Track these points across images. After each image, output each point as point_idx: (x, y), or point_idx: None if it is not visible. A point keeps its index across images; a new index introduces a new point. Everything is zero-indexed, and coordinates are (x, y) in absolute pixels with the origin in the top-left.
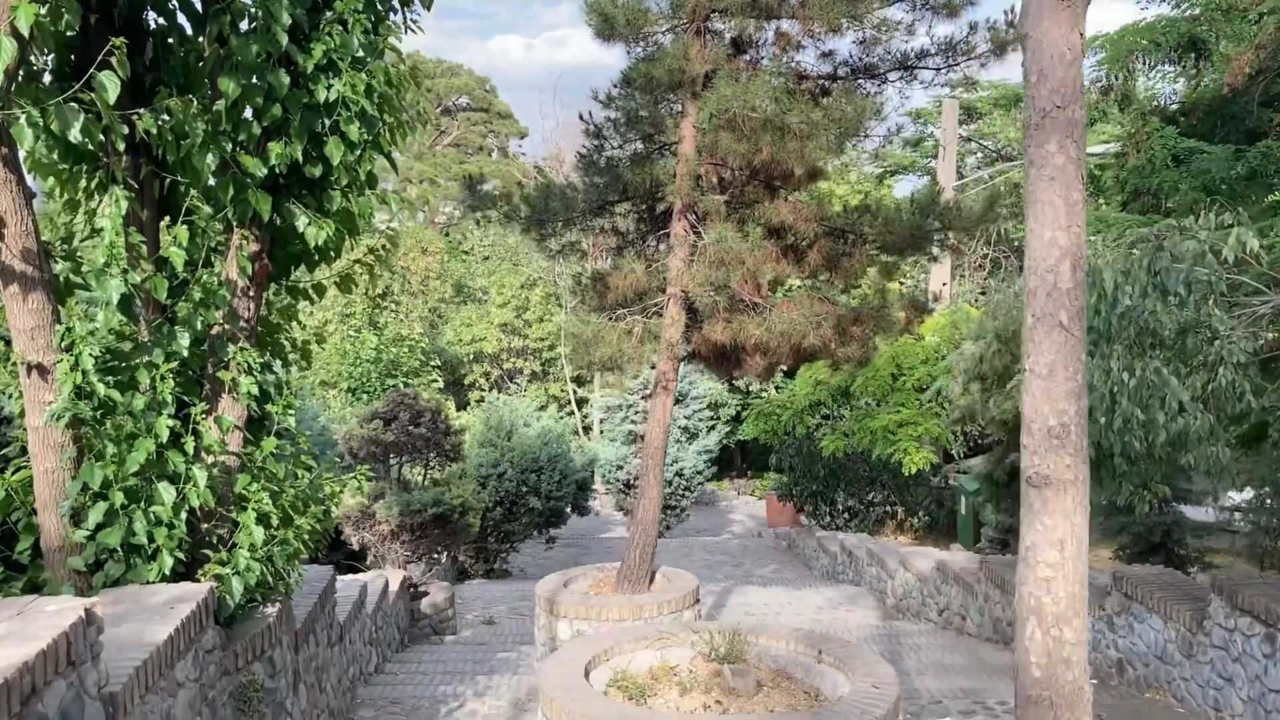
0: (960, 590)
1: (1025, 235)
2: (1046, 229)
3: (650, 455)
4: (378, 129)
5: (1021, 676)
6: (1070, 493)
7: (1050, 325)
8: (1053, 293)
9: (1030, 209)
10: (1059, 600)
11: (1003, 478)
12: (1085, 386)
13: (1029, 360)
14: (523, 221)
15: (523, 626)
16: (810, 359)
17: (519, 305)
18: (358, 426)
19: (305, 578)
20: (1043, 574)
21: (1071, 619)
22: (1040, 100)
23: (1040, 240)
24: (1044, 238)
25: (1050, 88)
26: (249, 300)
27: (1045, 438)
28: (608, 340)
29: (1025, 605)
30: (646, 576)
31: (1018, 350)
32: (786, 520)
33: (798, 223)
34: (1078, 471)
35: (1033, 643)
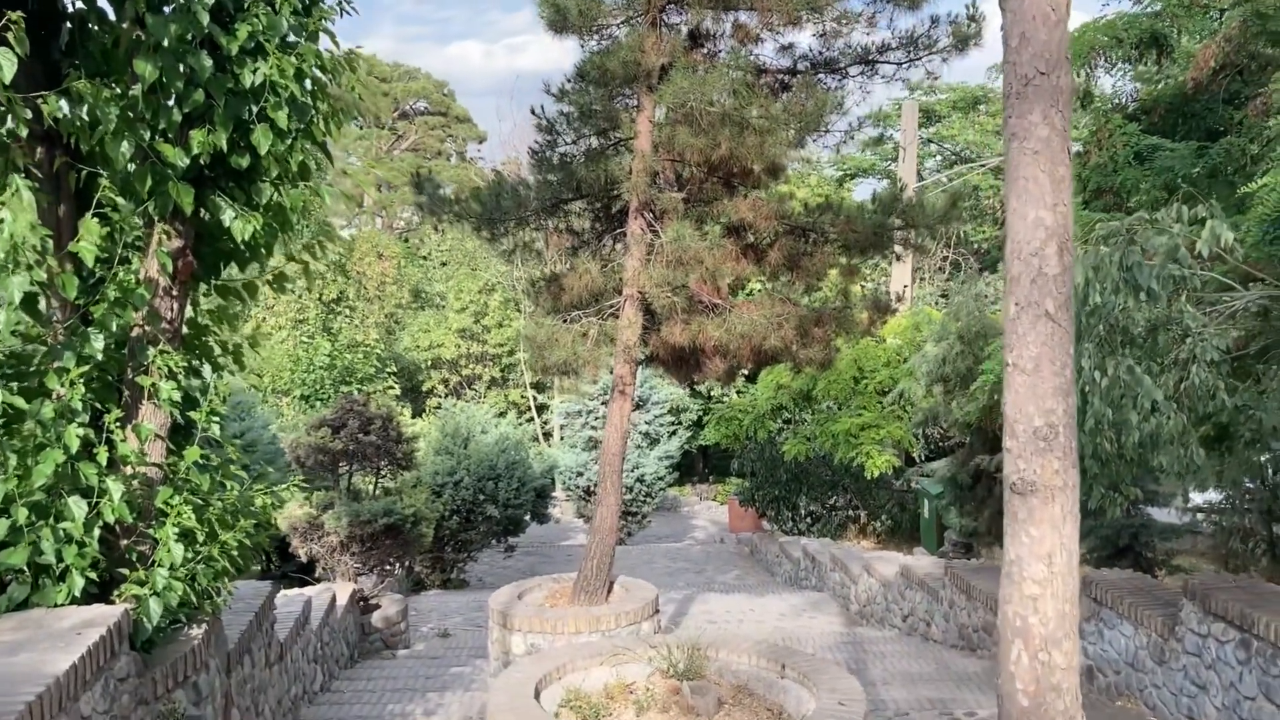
0: (925, 596)
1: (1006, 216)
2: (1030, 208)
3: (608, 462)
4: (310, 116)
5: (1006, 705)
6: (1059, 500)
7: (1035, 315)
8: (1038, 279)
9: (1011, 186)
10: (1047, 620)
11: (966, 481)
12: (1073, 382)
13: (1012, 354)
14: (474, 220)
15: (479, 639)
16: (771, 361)
17: (477, 310)
18: (305, 434)
19: (241, 594)
20: (1029, 591)
21: (1062, 641)
22: (1022, 67)
23: (1023, 221)
24: (1027, 218)
25: (1033, 52)
26: (172, 300)
27: (1031, 439)
28: (562, 343)
29: (1010, 626)
30: (604, 587)
31: (980, 352)
32: (749, 526)
33: (758, 220)
34: (1067, 477)
35: (1019, 668)
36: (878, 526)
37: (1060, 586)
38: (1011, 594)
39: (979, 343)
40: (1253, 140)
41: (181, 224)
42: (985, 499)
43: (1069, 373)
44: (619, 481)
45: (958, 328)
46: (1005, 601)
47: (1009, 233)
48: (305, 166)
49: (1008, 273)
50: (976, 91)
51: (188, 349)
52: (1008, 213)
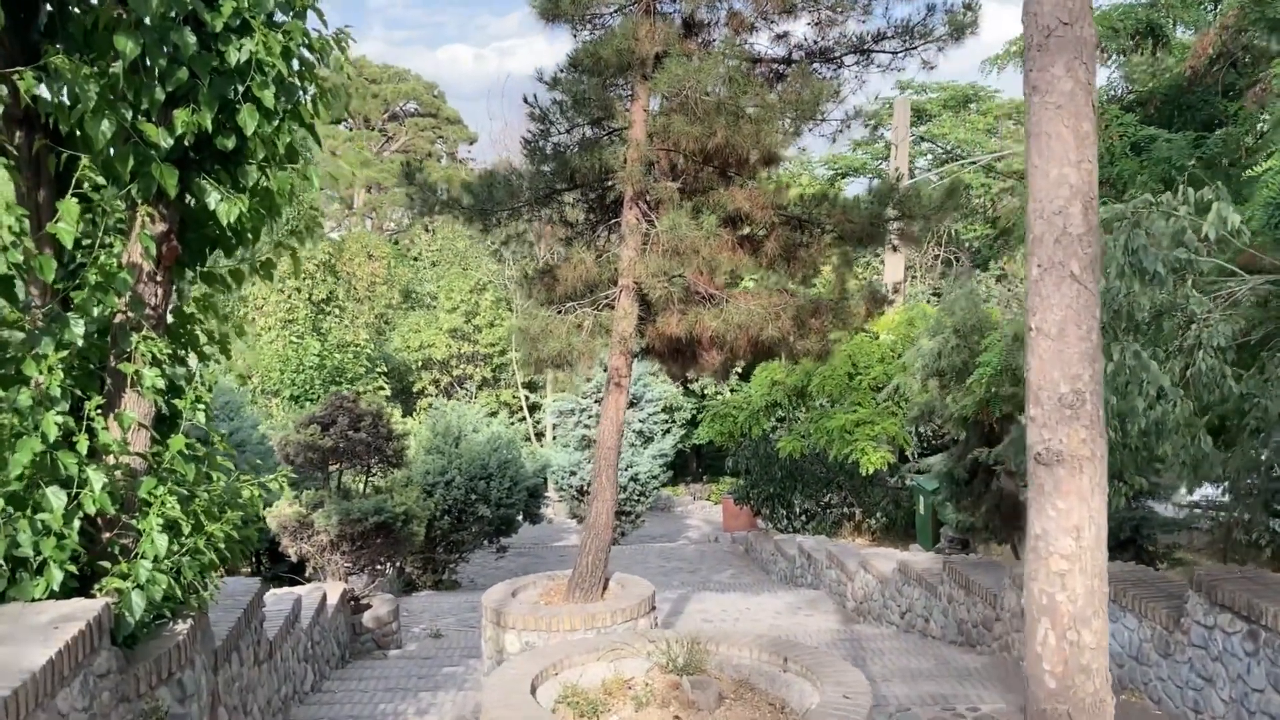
0: (923, 592)
1: (1027, 174)
2: (1053, 165)
3: (603, 456)
4: (297, 97)
5: (1033, 688)
6: (1087, 471)
7: (1060, 276)
8: (1062, 239)
9: (1033, 143)
10: (1076, 597)
11: (963, 476)
12: (1100, 347)
13: (1035, 318)
14: (465, 212)
15: (471, 639)
16: (768, 354)
17: (468, 310)
18: (294, 432)
19: (230, 591)
20: (1056, 567)
21: (1091, 619)
22: (1043, 17)
23: (1045, 179)
24: (1050, 175)
25: (1055, 1)
26: (156, 286)
27: (1056, 408)
28: (557, 335)
29: (1036, 604)
30: (599, 584)
31: (976, 345)
32: (743, 524)
33: (754, 210)
34: (1095, 446)
35: (1046, 648)
36: (873, 523)
37: (1089, 561)
38: (1038, 570)
39: (974, 337)
40: (1248, 131)
41: (166, 208)
42: (982, 494)
43: (1095, 337)
44: (614, 476)
45: (953, 322)
46: (1031, 578)
47: (1030, 191)
48: (293, 149)
49: (1029, 233)
50: (967, 90)
51: (173, 337)
52: (1029, 170)
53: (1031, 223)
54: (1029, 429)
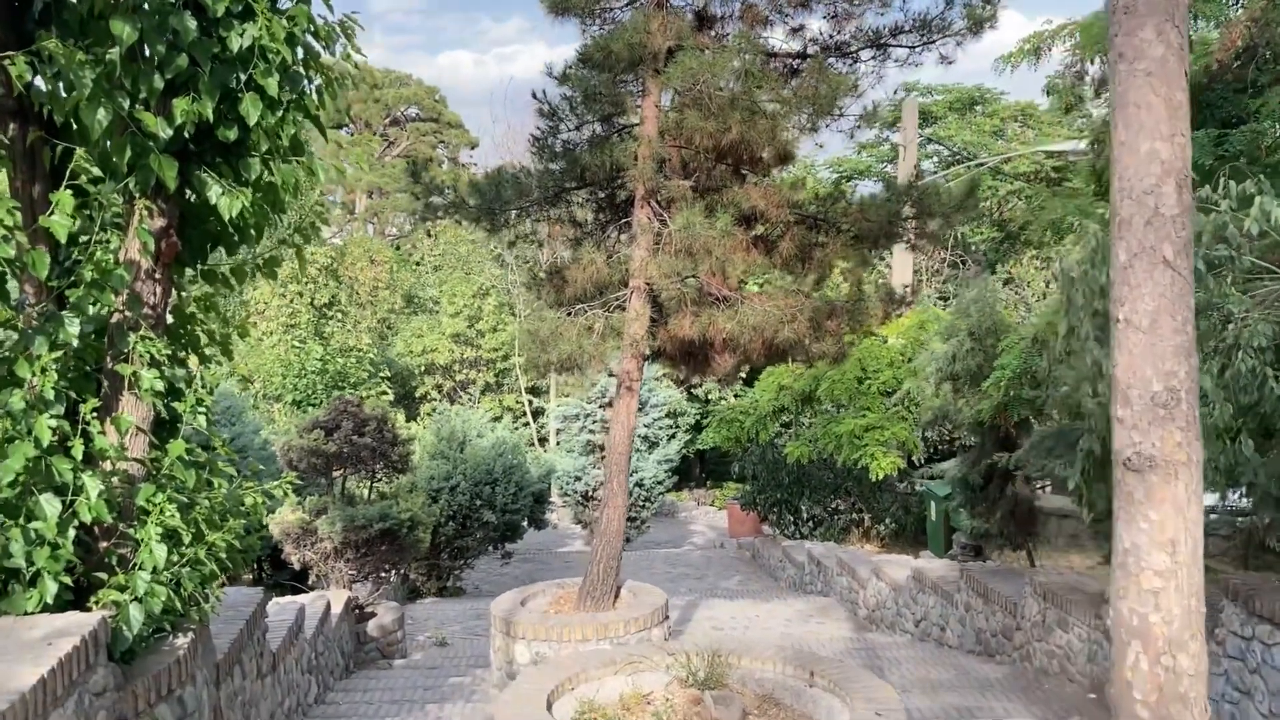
0: (939, 600)
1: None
2: (1143, 140)
3: (614, 461)
4: (302, 86)
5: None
6: (1182, 478)
7: (1151, 262)
8: (1154, 220)
9: (1120, 115)
10: (1171, 619)
11: (978, 481)
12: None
13: (1123, 309)
14: (472, 211)
15: (477, 647)
16: (782, 357)
17: (471, 315)
18: (297, 436)
19: (232, 601)
20: (1149, 584)
21: (1188, 643)
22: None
23: (1134, 155)
24: (1140, 151)
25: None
26: (154, 284)
27: (1148, 407)
28: (566, 337)
29: (1125, 626)
30: (611, 592)
31: (991, 348)
32: (749, 530)
33: (769, 208)
34: (1191, 450)
35: (1137, 675)
36: (882, 530)
37: (1185, 579)
38: (1127, 588)
39: (989, 340)
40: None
41: (165, 202)
42: (997, 500)
43: (1191, 329)
44: (625, 481)
45: (967, 324)
46: (1119, 597)
47: (1116, 169)
48: (298, 141)
49: (1116, 216)
50: (973, 92)
51: (172, 337)
52: (1115, 146)
53: (1118, 204)
54: (1116, 431)
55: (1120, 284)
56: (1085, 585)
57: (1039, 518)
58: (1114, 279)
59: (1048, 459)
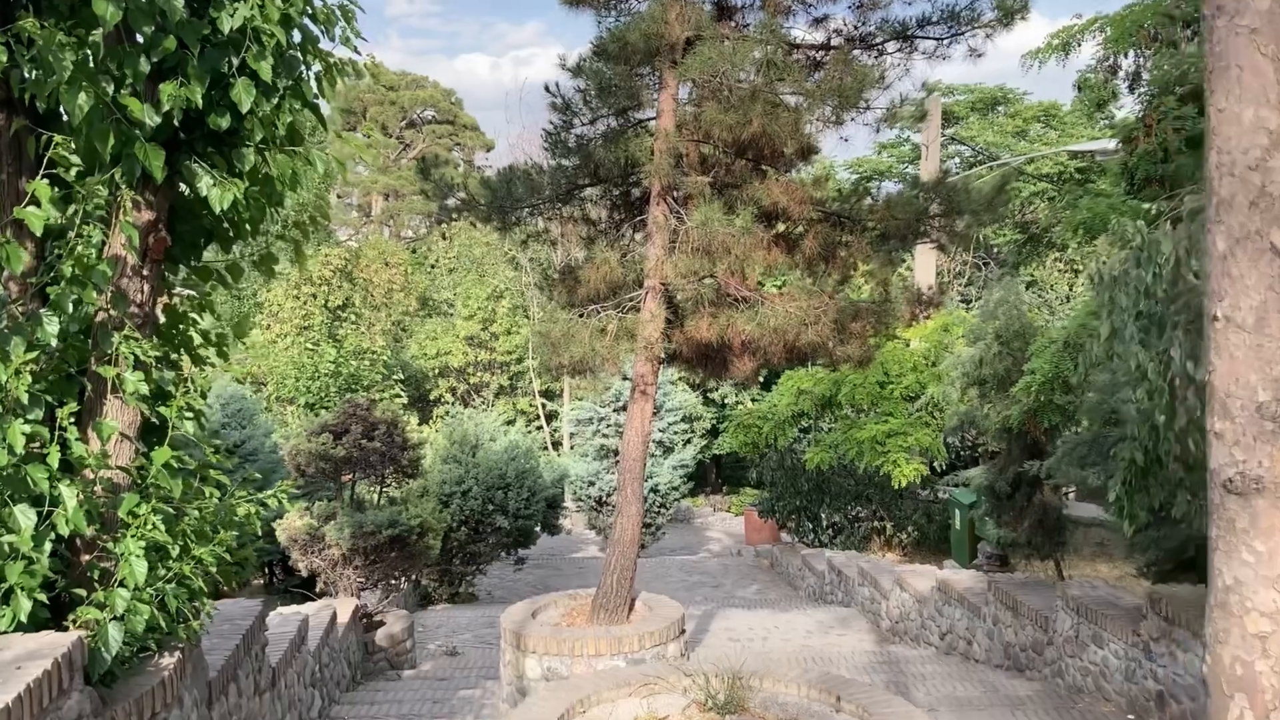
0: (965, 612)
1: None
2: (1246, 106)
3: (628, 468)
4: (299, 71)
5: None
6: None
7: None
8: (1260, 201)
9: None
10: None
11: (1005, 489)
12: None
13: (1221, 305)
14: (483, 209)
15: (488, 657)
16: (804, 359)
17: (485, 318)
18: (305, 440)
19: (228, 614)
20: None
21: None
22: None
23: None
24: (1243, 119)
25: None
26: (142, 281)
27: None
28: (579, 339)
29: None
30: (625, 604)
31: (1020, 352)
32: (766, 537)
33: (791, 205)
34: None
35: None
36: (903, 538)
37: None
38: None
39: (1017, 343)
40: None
41: (153, 194)
42: (1025, 508)
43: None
44: (640, 488)
45: (995, 327)
46: (1218, 641)
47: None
48: (295, 130)
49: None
50: (995, 92)
51: (163, 338)
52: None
53: (1216, 181)
54: (1214, 447)
55: (1219, 276)
56: (1120, 599)
57: (1067, 527)
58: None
59: (1080, 467)
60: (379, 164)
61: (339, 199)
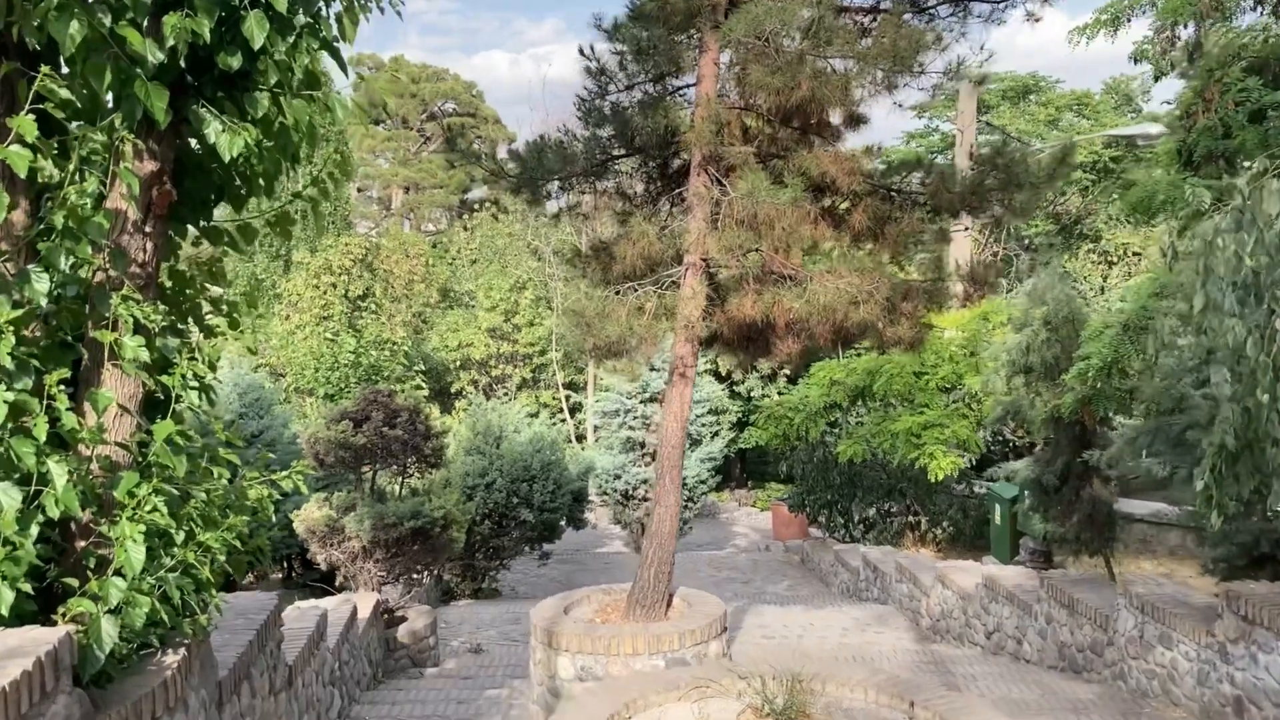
0: (1014, 610)
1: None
2: None
3: (666, 456)
4: (317, 7)
5: None
6: None
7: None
8: None
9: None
10: None
11: (1053, 482)
12: None
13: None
14: (512, 181)
15: (514, 655)
16: (850, 341)
17: (508, 309)
18: (324, 428)
19: (242, 608)
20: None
21: None
22: None
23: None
24: None
25: None
26: (144, 238)
27: None
28: (614, 318)
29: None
30: (663, 600)
31: (1070, 338)
32: (795, 533)
33: (840, 176)
34: None
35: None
36: (938, 534)
37: None
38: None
39: (1065, 330)
40: None
41: (157, 142)
42: (1073, 502)
43: None
44: (679, 478)
45: (1043, 313)
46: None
47: None
48: (312, 74)
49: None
50: (1027, 80)
51: (168, 303)
52: None
53: None
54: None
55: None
56: (1189, 597)
57: (1117, 521)
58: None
59: (1143, 457)
60: (400, 157)
61: (359, 192)
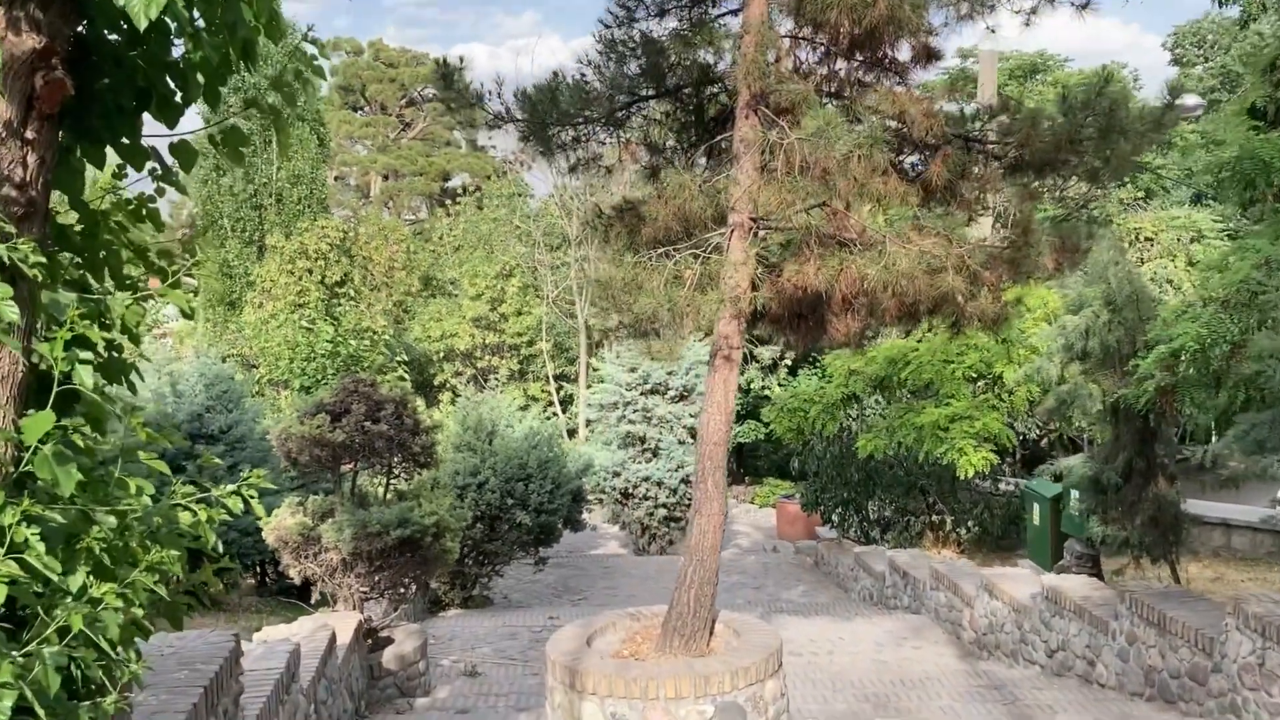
0: (1085, 627)
1: None
2: None
3: (708, 454)
4: None
5: None
6: None
7: None
8: None
9: None
10: None
11: (1115, 481)
12: None
13: None
14: (521, 126)
15: (513, 679)
16: (918, 318)
17: (494, 297)
18: (297, 423)
19: (187, 656)
20: None
21: None
22: None
23: None
24: None
25: None
26: (22, 146)
27: None
28: (649, 288)
29: None
30: (706, 627)
31: (1135, 319)
32: (800, 532)
33: (919, 118)
34: None
35: None
36: (962, 534)
37: None
38: None
39: (1132, 308)
40: None
41: (43, 8)
42: (1136, 503)
43: None
44: (723, 480)
45: (1102, 291)
46: None
47: None
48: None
49: None
50: (1034, 59)
51: (65, 244)
52: None
53: None
54: None
55: None
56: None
57: (1185, 523)
58: None
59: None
60: (379, 143)
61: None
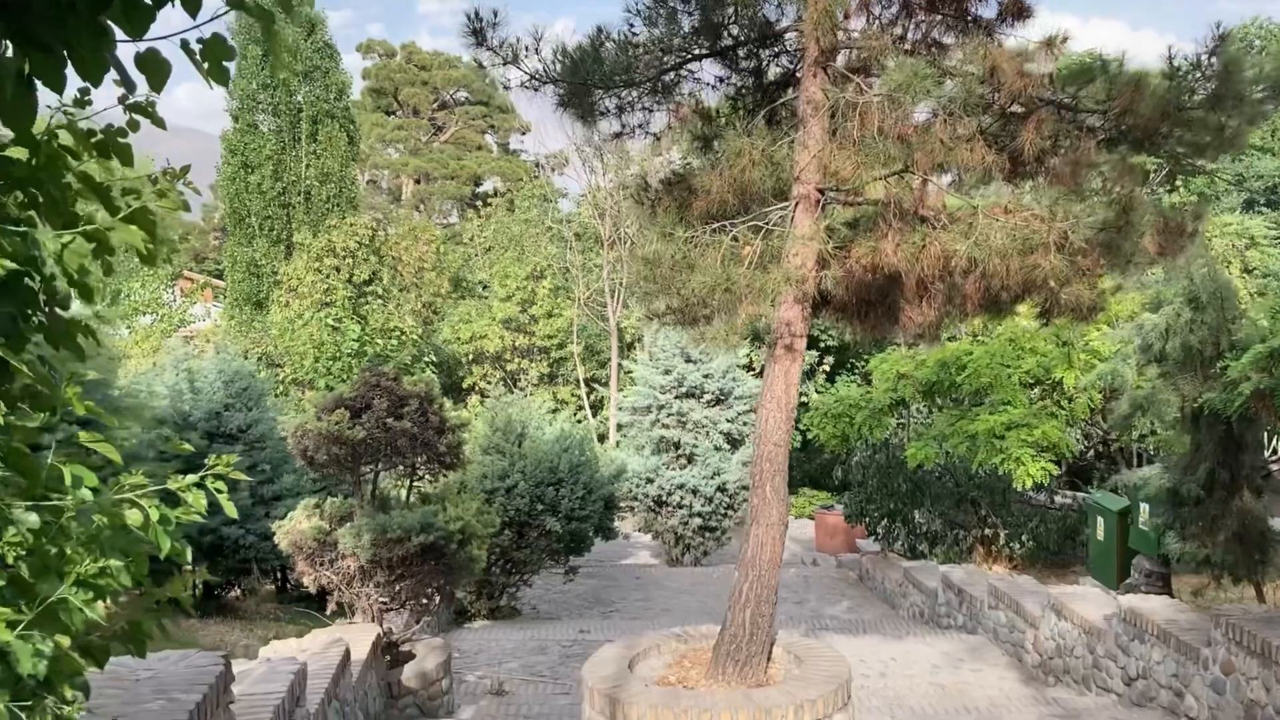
0: (1170, 653)
1: None
2: None
3: (766, 456)
4: None
5: None
6: None
7: None
8: None
9: None
10: None
11: (1196, 493)
12: None
13: None
14: (561, 87)
15: (543, 699)
16: (1001, 307)
17: (524, 299)
18: (315, 419)
19: (165, 683)
20: None
21: None
22: None
23: None
24: None
25: None
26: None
27: None
28: (703, 266)
29: None
30: (764, 651)
31: (1219, 319)
32: (839, 545)
33: (1013, 78)
34: None
35: None
36: (1015, 549)
37: None
38: None
39: (1219, 304)
40: None
41: None
42: (1219, 518)
43: None
44: (784, 485)
45: (1184, 289)
46: None
47: None
48: None
49: None
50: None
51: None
52: None
53: None
54: None
55: None
56: None
57: (1272, 540)
58: None
59: None
60: (410, 146)
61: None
